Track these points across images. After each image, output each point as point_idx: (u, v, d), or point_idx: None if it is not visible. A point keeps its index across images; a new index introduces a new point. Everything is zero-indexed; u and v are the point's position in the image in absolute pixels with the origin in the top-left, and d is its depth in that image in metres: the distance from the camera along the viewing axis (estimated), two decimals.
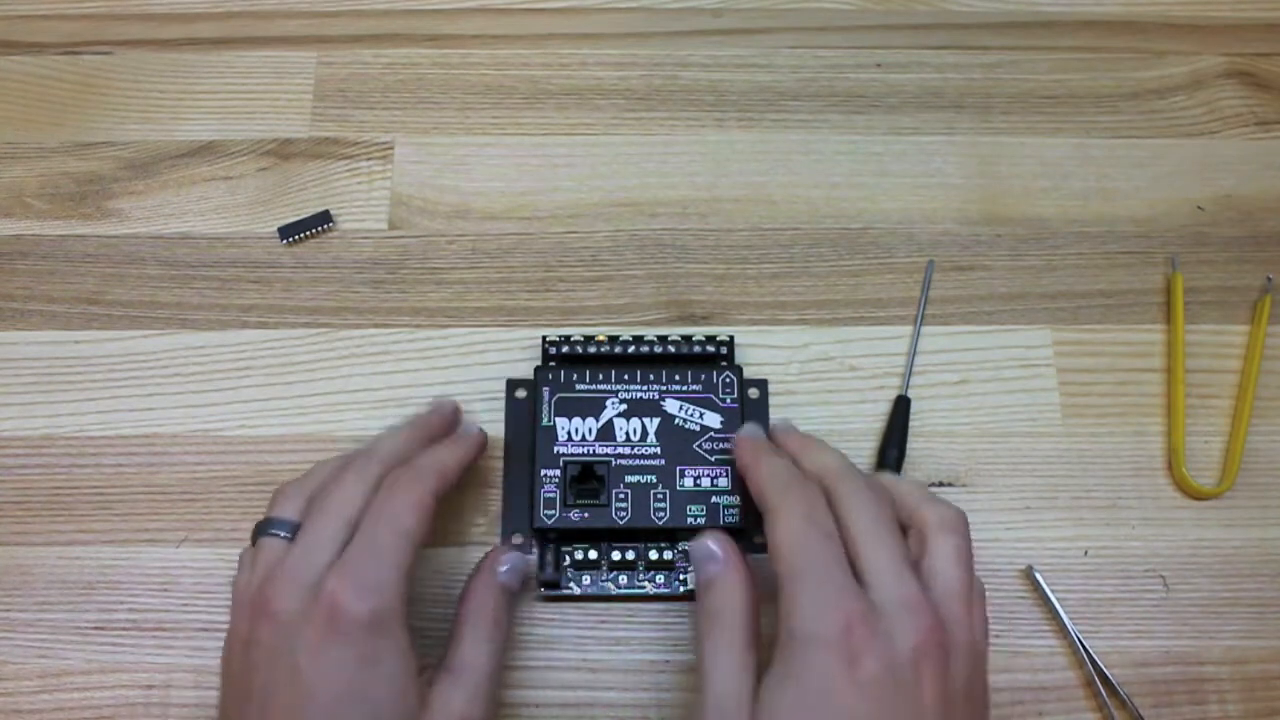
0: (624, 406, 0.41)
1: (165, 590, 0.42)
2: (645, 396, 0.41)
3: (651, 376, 0.41)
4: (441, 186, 0.49)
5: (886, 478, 0.38)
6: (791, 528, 0.33)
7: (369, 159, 0.49)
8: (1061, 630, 0.41)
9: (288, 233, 0.47)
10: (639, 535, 0.40)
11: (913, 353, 0.45)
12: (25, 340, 0.46)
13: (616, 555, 0.40)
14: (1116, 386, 0.45)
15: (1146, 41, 0.52)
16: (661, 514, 0.40)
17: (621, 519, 0.39)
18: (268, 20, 0.52)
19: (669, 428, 0.41)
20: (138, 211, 0.48)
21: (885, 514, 0.35)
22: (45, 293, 0.47)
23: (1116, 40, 0.52)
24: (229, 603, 0.41)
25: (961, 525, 0.35)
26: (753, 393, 0.44)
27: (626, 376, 0.41)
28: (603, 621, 0.41)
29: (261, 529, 0.37)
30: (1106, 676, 0.40)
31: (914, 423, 0.44)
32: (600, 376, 0.41)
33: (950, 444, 0.44)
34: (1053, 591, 0.41)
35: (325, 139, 0.50)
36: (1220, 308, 0.46)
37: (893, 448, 0.43)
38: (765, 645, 0.34)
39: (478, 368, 0.45)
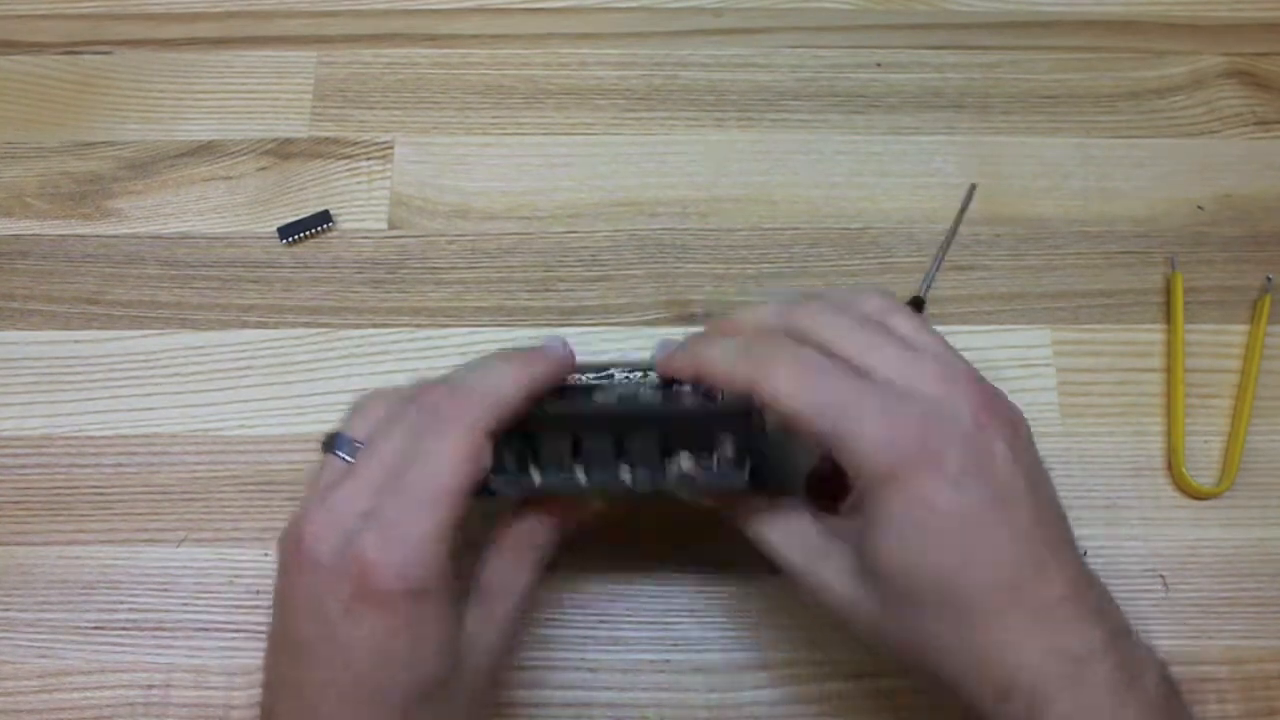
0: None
1: (165, 590, 0.42)
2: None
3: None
4: (441, 186, 0.49)
5: (812, 291, 0.37)
6: (789, 387, 0.31)
7: (369, 159, 0.49)
8: None
9: (288, 233, 0.47)
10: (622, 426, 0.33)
11: (939, 258, 0.47)
12: (25, 340, 0.46)
13: (590, 445, 0.33)
14: (1116, 386, 0.45)
15: (1146, 41, 0.52)
16: (651, 402, 0.34)
17: (602, 401, 0.34)
18: (268, 20, 0.52)
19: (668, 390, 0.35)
20: (137, 211, 0.48)
21: (844, 316, 0.33)
22: (45, 293, 0.47)
23: (1116, 40, 0.52)
24: (230, 602, 0.41)
25: (897, 303, 0.35)
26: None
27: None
28: (603, 621, 0.41)
29: (328, 444, 0.33)
30: None
31: None
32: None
33: None
34: None
35: (325, 139, 0.50)
36: (1220, 307, 0.46)
37: None
38: None
39: None
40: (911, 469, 0.30)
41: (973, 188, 0.48)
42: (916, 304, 0.46)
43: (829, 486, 0.36)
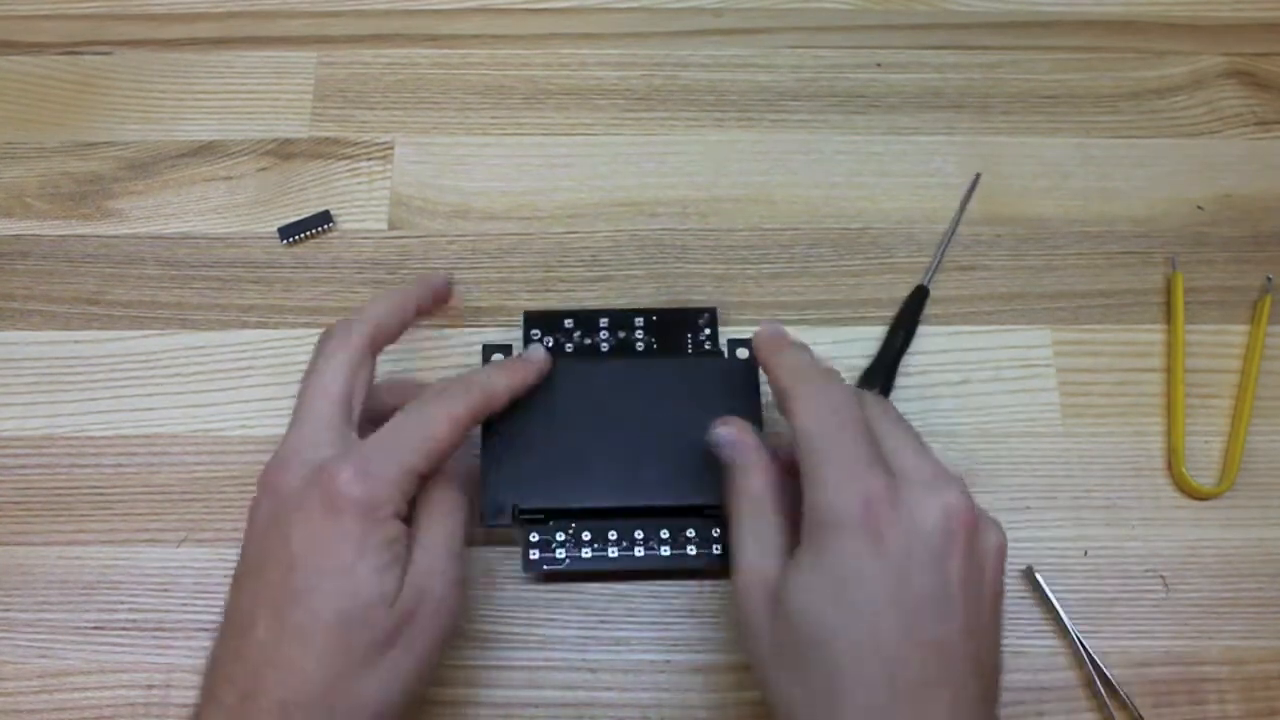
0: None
1: (165, 590, 0.42)
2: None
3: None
4: (441, 186, 0.49)
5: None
6: (813, 412, 0.33)
7: (369, 159, 0.49)
8: (1061, 630, 0.41)
9: (288, 233, 0.47)
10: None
11: (943, 246, 0.47)
12: (25, 340, 0.46)
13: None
14: (1116, 386, 0.45)
15: (1146, 41, 0.52)
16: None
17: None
18: (268, 20, 0.52)
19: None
20: (138, 211, 0.48)
21: (895, 412, 0.35)
22: (45, 293, 0.47)
23: (1116, 40, 0.52)
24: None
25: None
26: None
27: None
28: (603, 621, 0.41)
29: None
30: (1106, 676, 0.40)
31: (915, 423, 0.44)
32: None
33: (950, 444, 0.44)
34: (1053, 591, 0.41)
35: (325, 139, 0.50)
36: (1220, 308, 0.46)
37: (899, 332, 0.45)
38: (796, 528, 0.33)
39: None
40: (847, 525, 0.31)
41: (977, 177, 0.48)
42: (920, 293, 0.46)
43: None
